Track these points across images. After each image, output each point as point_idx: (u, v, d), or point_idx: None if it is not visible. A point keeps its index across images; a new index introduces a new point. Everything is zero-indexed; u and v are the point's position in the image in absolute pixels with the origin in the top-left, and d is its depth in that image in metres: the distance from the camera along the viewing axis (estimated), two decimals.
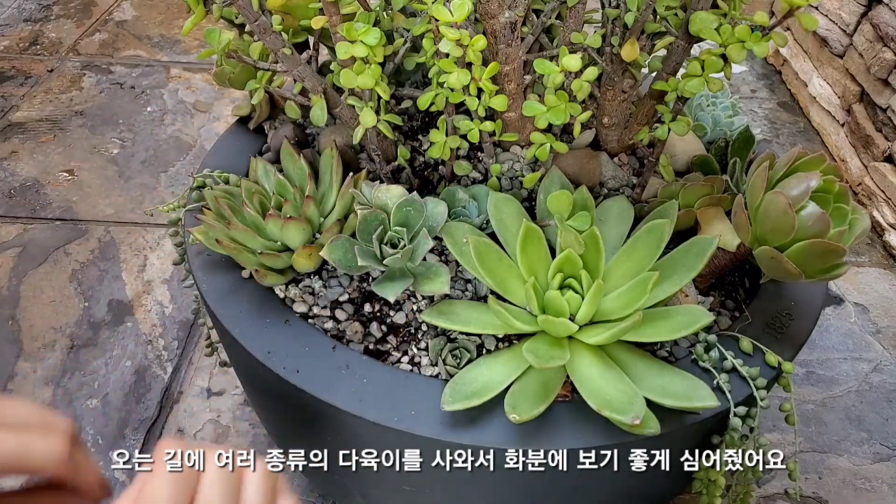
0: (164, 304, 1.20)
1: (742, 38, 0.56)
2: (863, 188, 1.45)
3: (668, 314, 0.58)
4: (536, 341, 0.58)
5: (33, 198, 1.43)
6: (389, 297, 0.58)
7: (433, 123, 0.85)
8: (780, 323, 0.65)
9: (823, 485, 0.98)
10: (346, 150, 0.76)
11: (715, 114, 0.83)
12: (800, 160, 0.60)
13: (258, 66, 0.68)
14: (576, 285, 0.60)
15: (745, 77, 1.89)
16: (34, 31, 1.99)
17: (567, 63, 0.60)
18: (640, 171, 0.79)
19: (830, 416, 1.07)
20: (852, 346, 1.18)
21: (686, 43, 0.63)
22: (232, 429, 1.02)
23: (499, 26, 0.64)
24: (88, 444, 1.00)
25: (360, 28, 0.59)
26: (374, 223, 0.61)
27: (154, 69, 1.84)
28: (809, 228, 0.55)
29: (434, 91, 0.65)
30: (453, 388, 0.56)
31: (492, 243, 0.62)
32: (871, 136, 1.43)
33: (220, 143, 0.85)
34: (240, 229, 0.64)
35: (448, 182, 0.75)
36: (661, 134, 0.66)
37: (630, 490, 0.67)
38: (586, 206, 0.66)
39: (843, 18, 1.55)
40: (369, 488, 0.68)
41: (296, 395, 0.60)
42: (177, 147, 1.58)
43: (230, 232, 0.64)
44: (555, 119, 0.62)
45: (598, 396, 0.54)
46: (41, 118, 1.65)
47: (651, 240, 0.62)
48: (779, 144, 1.64)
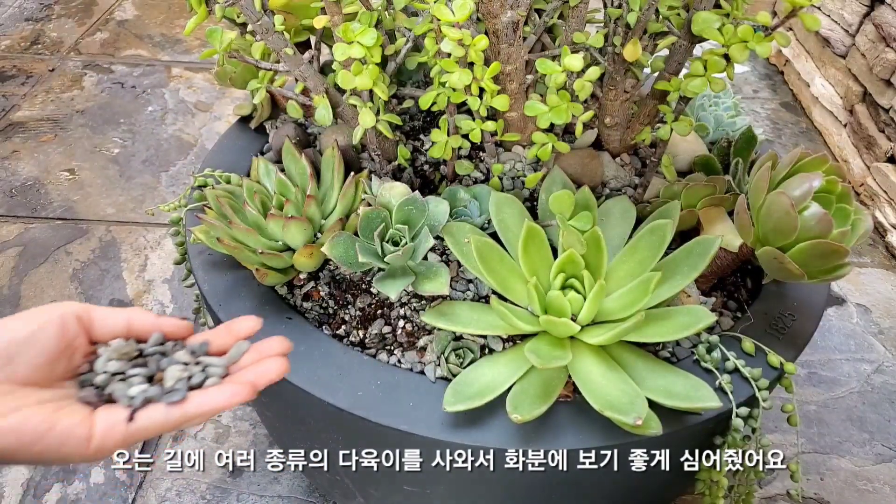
0: (164, 303, 1.20)
1: (744, 39, 0.56)
2: (865, 189, 1.44)
3: (670, 315, 0.58)
4: (538, 341, 0.58)
5: (34, 197, 1.43)
6: (391, 295, 0.58)
7: (435, 123, 0.85)
8: (782, 324, 0.65)
9: (825, 486, 0.98)
10: (348, 149, 0.76)
11: (717, 114, 0.83)
12: (802, 161, 0.60)
13: (260, 65, 0.68)
14: (578, 285, 0.60)
15: (748, 77, 1.89)
16: (35, 31, 1.99)
17: (569, 63, 0.59)
18: (642, 172, 0.79)
19: (832, 416, 1.07)
20: (854, 346, 1.17)
21: (688, 43, 0.63)
22: (232, 429, 1.02)
23: (500, 26, 0.64)
24: None
25: (357, 29, 0.59)
26: (376, 221, 0.61)
27: (155, 69, 1.84)
28: (812, 229, 0.55)
29: (436, 91, 0.65)
30: (455, 389, 0.56)
31: (494, 243, 0.62)
32: (874, 137, 1.42)
33: (222, 142, 0.85)
34: (241, 229, 0.63)
35: (450, 182, 0.75)
36: (664, 134, 0.66)
37: (632, 490, 0.67)
38: (588, 206, 0.66)
39: (845, 19, 1.55)
40: (370, 488, 0.68)
41: (296, 395, 0.60)
42: (178, 147, 1.58)
43: (231, 231, 0.64)
44: (557, 119, 0.62)
45: (599, 397, 0.54)
46: (42, 118, 1.65)
47: (653, 240, 0.62)
48: (781, 145, 1.64)
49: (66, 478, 0.95)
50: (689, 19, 0.61)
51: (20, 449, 0.40)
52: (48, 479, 0.95)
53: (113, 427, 0.42)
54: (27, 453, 0.40)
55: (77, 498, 0.93)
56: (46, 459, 0.41)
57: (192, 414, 0.44)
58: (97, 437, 0.42)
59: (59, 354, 0.44)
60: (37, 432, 0.40)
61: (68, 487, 0.94)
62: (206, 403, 0.45)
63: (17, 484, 0.94)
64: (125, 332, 0.47)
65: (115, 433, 0.42)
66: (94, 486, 0.95)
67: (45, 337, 0.43)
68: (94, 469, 0.96)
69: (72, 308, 0.45)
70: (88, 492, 0.94)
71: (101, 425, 0.42)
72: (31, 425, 0.40)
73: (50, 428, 0.40)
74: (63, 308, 0.45)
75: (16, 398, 0.41)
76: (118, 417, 0.43)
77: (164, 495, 0.94)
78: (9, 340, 0.42)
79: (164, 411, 0.44)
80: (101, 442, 0.42)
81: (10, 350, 0.42)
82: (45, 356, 0.43)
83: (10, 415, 0.40)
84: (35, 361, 0.42)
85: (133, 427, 0.43)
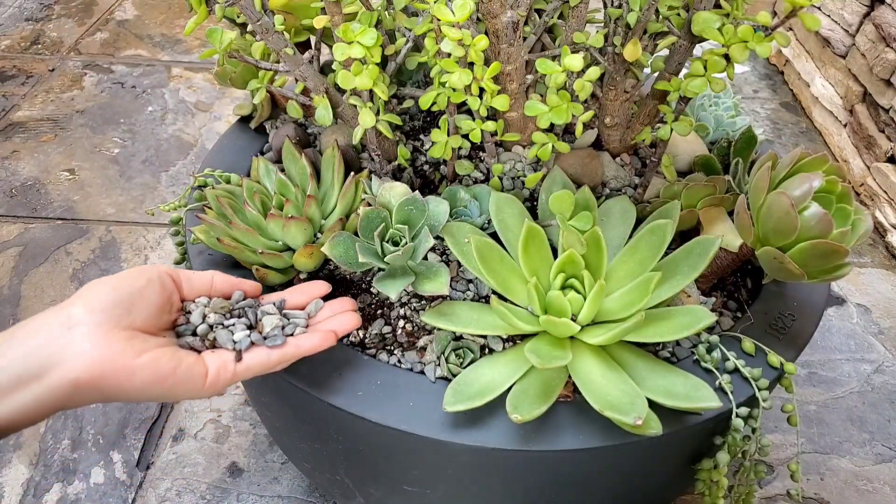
0: None
1: (745, 39, 0.56)
2: (865, 189, 1.44)
3: (670, 315, 0.58)
4: (538, 342, 0.58)
5: (34, 197, 1.43)
6: (391, 294, 0.58)
7: (435, 123, 0.85)
8: (782, 324, 0.65)
9: (825, 486, 0.98)
10: (348, 149, 0.76)
11: (717, 114, 0.83)
12: (802, 161, 0.60)
13: (260, 65, 0.68)
14: (578, 285, 0.60)
15: (748, 77, 1.89)
16: (35, 31, 1.99)
17: (569, 63, 0.59)
18: (642, 172, 0.79)
19: (832, 417, 1.07)
20: (854, 347, 1.17)
21: (688, 43, 0.63)
22: (233, 428, 1.02)
23: (501, 26, 0.64)
24: (89, 443, 1.00)
25: (357, 29, 0.59)
26: (376, 221, 0.61)
27: (155, 69, 1.84)
28: (812, 229, 0.55)
29: (436, 91, 0.65)
30: (455, 389, 0.56)
31: (494, 243, 0.62)
32: (874, 137, 1.42)
33: (222, 142, 0.85)
34: (241, 229, 0.63)
35: (450, 182, 0.75)
36: (664, 134, 0.66)
37: (632, 491, 0.67)
38: (588, 206, 0.66)
39: (845, 19, 1.55)
40: (370, 488, 0.68)
41: (296, 395, 0.60)
42: (178, 146, 1.58)
43: (231, 231, 0.64)
44: (557, 119, 0.62)
45: (600, 397, 0.54)
46: (42, 117, 1.65)
47: (653, 240, 0.62)
48: (781, 145, 1.64)
49: (66, 478, 0.95)
50: (689, 19, 0.61)
51: (154, 383, 0.46)
52: (48, 479, 0.95)
53: (224, 366, 0.50)
54: (159, 388, 0.46)
55: (77, 498, 0.93)
56: (171, 395, 0.47)
57: (290, 355, 0.53)
58: (211, 374, 0.49)
59: (162, 308, 0.50)
60: (168, 368, 0.46)
61: (68, 487, 0.94)
62: (302, 346, 0.53)
63: (17, 484, 0.95)
64: (208, 291, 0.55)
65: (226, 372, 0.50)
66: (93, 486, 0.95)
67: (152, 292, 0.50)
68: (94, 469, 0.96)
69: (165, 269, 0.52)
70: (88, 492, 0.94)
71: (213, 365, 0.49)
72: (162, 363, 0.46)
73: (177, 366, 0.47)
74: (158, 269, 0.52)
75: (141, 341, 0.47)
76: (227, 358, 0.50)
77: (164, 495, 0.94)
78: (129, 293, 0.48)
79: (266, 353, 0.52)
80: (214, 379, 0.49)
81: (130, 301, 0.48)
82: (153, 308, 0.49)
83: (144, 354, 0.46)
84: (147, 312, 0.49)
85: (241, 366, 0.50)
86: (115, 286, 0.48)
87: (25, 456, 0.98)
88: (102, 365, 0.44)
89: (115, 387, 0.44)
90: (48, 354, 0.43)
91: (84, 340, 0.44)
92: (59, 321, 0.45)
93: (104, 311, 0.46)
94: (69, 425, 1.02)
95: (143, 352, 0.46)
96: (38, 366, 0.43)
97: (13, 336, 0.44)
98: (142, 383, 0.45)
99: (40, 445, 0.99)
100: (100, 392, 0.44)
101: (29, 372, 0.42)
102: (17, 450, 0.99)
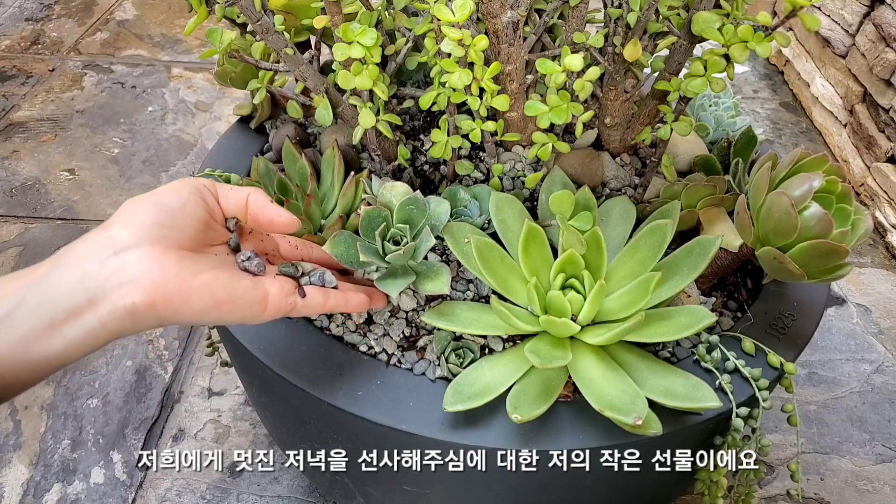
0: None
1: (745, 39, 0.56)
2: (865, 189, 1.44)
3: (670, 315, 0.58)
4: (538, 342, 0.58)
5: (34, 197, 1.43)
6: (392, 294, 0.58)
7: (435, 123, 0.85)
8: (782, 324, 0.65)
9: (825, 486, 0.98)
10: (348, 149, 0.76)
11: (717, 114, 0.83)
12: (802, 161, 0.60)
13: (260, 65, 0.68)
14: (578, 286, 0.60)
15: (748, 77, 1.89)
16: (35, 31, 1.99)
17: (569, 63, 0.59)
18: (642, 172, 0.79)
19: (832, 417, 1.07)
20: (854, 347, 1.17)
21: (688, 43, 0.63)
22: (233, 428, 1.02)
23: (501, 26, 0.64)
24: (89, 443, 1.00)
25: (357, 29, 0.59)
26: (377, 220, 0.61)
27: (155, 69, 1.84)
28: (812, 229, 0.55)
29: (436, 91, 0.65)
30: (455, 389, 0.56)
31: (494, 243, 0.62)
32: (874, 137, 1.42)
33: (222, 142, 0.85)
34: None
35: (450, 182, 0.75)
36: (664, 134, 0.66)
37: (632, 491, 0.67)
38: (588, 206, 0.66)
39: (845, 19, 1.55)
40: (370, 488, 0.68)
41: (296, 395, 0.60)
42: (178, 146, 1.58)
43: None
44: (557, 119, 0.62)
45: (600, 397, 0.54)
46: (42, 117, 1.65)
47: (653, 240, 0.62)
48: (781, 145, 1.64)
49: (66, 478, 0.95)
50: (689, 19, 0.61)
51: (211, 308, 0.43)
52: (48, 479, 0.95)
53: (285, 297, 0.48)
54: (216, 312, 0.44)
55: (77, 498, 0.93)
56: (227, 319, 0.45)
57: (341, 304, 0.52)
58: (271, 303, 0.47)
59: (206, 223, 0.47)
60: (225, 291, 0.44)
61: (68, 487, 0.94)
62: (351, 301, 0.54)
63: (17, 484, 0.94)
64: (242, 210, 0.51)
65: (286, 303, 0.48)
66: (93, 486, 0.95)
67: (194, 207, 0.46)
68: (94, 469, 0.96)
69: (203, 182, 0.48)
70: (88, 492, 0.94)
71: (274, 294, 0.47)
72: (219, 286, 0.44)
73: (235, 289, 0.45)
74: (196, 182, 0.48)
75: (194, 262, 0.44)
76: (289, 289, 0.48)
77: (164, 495, 0.94)
78: (171, 210, 0.44)
79: (322, 294, 0.51)
80: (273, 308, 0.47)
81: (174, 219, 0.44)
82: (196, 224, 0.46)
83: (199, 276, 0.43)
84: (194, 229, 0.45)
85: (301, 302, 0.49)
86: (156, 202, 0.44)
87: (25, 456, 0.98)
88: (158, 290, 0.41)
89: (171, 311, 0.42)
90: (103, 280, 0.40)
91: (136, 265, 0.41)
92: (103, 245, 0.42)
93: (149, 232, 0.42)
94: (69, 425, 1.02)
95: (198, 273, 0.43)
96: (91, 294, 0.40)
97: (59, 263, 0.41)
98: (199, 307, 0.42)
99: (40, 445, 0.99)
100: (156, 318, 0.42)
101: (80, 301, 0.40)
102: (17, 450, 0.99)
